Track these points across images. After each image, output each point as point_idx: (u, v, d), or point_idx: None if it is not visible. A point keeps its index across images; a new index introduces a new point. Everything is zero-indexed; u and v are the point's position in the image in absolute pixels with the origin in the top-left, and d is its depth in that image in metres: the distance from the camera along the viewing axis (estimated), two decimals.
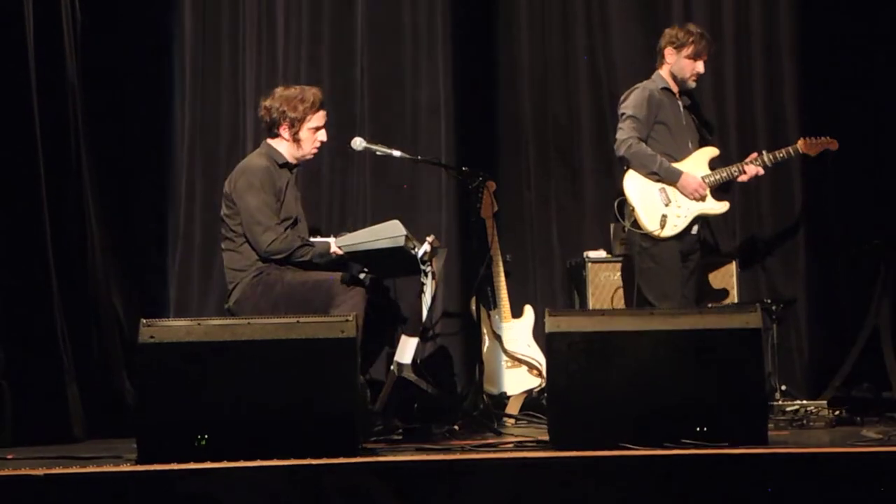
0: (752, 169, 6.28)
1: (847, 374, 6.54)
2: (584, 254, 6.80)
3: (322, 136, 5.80)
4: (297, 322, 4.65)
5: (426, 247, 5.51)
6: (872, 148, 6.90)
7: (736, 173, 6.29)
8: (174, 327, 4.65)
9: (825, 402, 6.17)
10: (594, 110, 7.21)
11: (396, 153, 5.74)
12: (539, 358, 6.48)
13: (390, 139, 5.80)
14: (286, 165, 5.76)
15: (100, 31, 6.37)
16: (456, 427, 5.53)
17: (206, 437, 4.50)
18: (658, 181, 6.22)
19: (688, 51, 6.32)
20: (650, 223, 6.17)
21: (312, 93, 5.74)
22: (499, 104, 7.34)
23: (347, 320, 4.64)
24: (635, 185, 6.24)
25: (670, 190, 6.22)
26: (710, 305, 6.51)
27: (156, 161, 6.85)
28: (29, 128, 5.62)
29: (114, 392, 6.01)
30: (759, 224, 7.10)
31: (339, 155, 6.88)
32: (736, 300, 6.74)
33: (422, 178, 6.98)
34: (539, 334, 6.52)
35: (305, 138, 5.74)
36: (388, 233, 5.40)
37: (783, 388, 6.58)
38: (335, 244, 5.59)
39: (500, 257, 6.62)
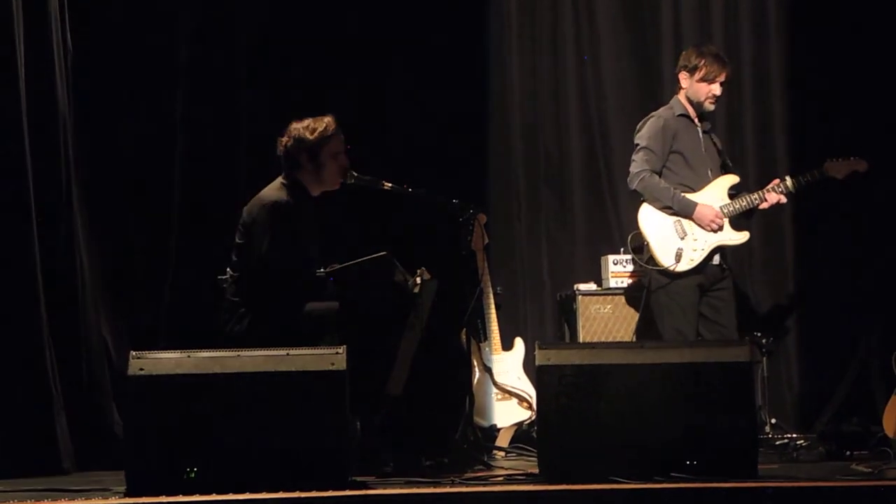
0: (772, 196, 6.20)
1: (837, 407, 6.58)
2: (575, 286, 6.83)
3: (344, 161, 5.71)
4: (287, 354, 4.68)
5: (417, 279, 5.53)
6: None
7: (756, 201, 6.22)
8: (164, 359, 4.66)
9: (815, 435, 6.18)
10: (585, 142, 7.27)
11: (387, 185, 5.77)
12: (529, 390, 6.50)
13: (379, 172, 5.82)
14: (307, 198, 5.69)
15: (92, 59, 6.38)
16: (445, 460, 5.53)
17: (196, 470, 4.51)
18: (673, 214, 6.18)
19: (700, 74, 6.23)
20: (665, 258, 6.13)
21: (326, 120, 5.67)
22: (489, 135, 7.39)
23: (338, 353, 4.66)
24: (650, 219, 6.21)
25: (686, 222, 6.16)
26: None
27: (148, 189, 6.84)
28: (19, 157, 5.63)
29: (103, 424, 6.00)
30: (748, 255, 7.12)
31: None
32: None
33: (411, 210, 7.00)
34: (529, 367, 6.54)
35: (327, 164, 5.67)
36: (377, 263, 5.44)
37: (773, 421, 6.59)
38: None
39: (490, 290, 6.64)
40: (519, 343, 6.73)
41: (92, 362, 6.02)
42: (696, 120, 6.32)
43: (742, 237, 6.22)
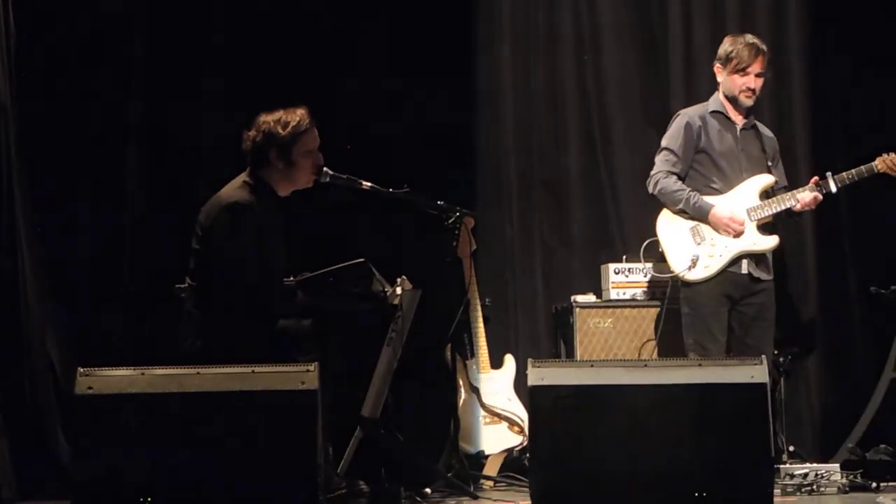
0: (806, 196, 6.20)
1: (862, 434, 6.58)
2: (572, 298, 6.83)
3: (318, 158, 5.68)
4: (252, 372, 4.67)
5: (396, 289, 5.54)
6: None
7: (790, 202, 6.23)
8: (115, 377, 4.65)
9: (838, 464, 6.18)
10: (583, 140, 7.27)
11: (365, 185, 5.77)
12: (521, 413, 6.49)
13: (359, 170, 5.82)
14: (272, 198, 5.66)
15: (37, 42, 6.37)
16: (428, 490, 5.54)
17: (150, 499, 4.50)
18: (690, 218, 6.25)
19: (732, 64, 6.26)
20: (678, 265, 6.21)
21: (300, 113, 5.61)
22: (478, 131, 7.40)
23: (308, 370, 4.65)
24: (666, 225, 6.31)
25: (704, 227, 6.23)
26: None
27: (100, 192, 6.82)
28: None
29: (47, 449, 5.98)
30: None
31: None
32: None
33: (392, 212, 7.01)
34: (521, 387, 6.53)
35: (300, 162, 5.62)
36: (352, 271, 5.44)
37: (791, 448, 6.59)
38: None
39: (478, 301, 6.64)
40: (509, 360, 6.73)
41: (35, 380, 6.01)
42: (732, 116, 6.35)
43: (769, 242, 6.23)
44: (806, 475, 5.95)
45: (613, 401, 4.74)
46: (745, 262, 6.22)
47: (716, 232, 6.21)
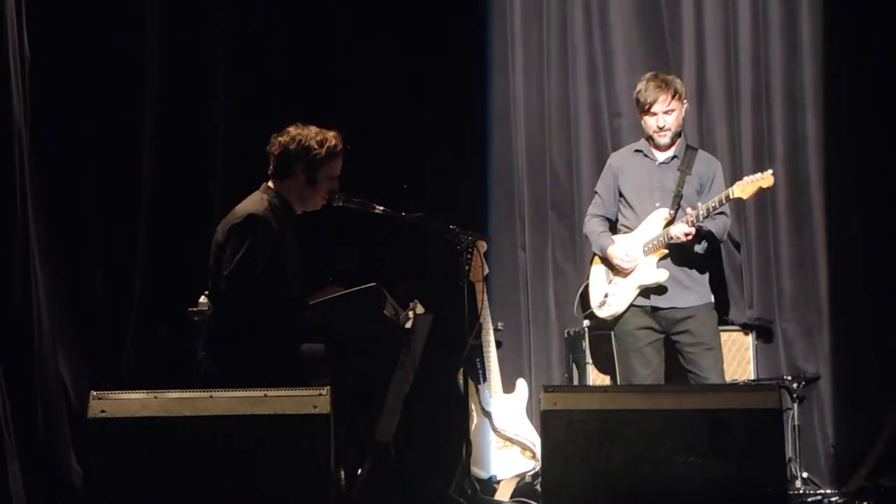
0: (676, 230, 6.21)
1: (876, 460, 6.56)
2: (584, 322, 6.84)
3: (335, 185, 5.71)
4: (265, 396, 4.68)
5: (409, 313, 5.55)
6: None
7: (663, 238, 6.27)
8: (127, 400, 4.67)
9: (852, 491, 6.18)
10: (596, 164, 7.26)
11: (378, 209, 5.78)
12: (533, 438, 6.50)
13: (370, 195, 5.84)
14: (289, 213, 5.68)
15: (53, 68, 6.40)
16: None
17: None
18: (605, 259, 6.45)
19: (639, 107, 6.38)
20: (592, 303, 6.47)
21: (333, 135, 5.66)
22: (490, 156, 7.41)
23: (321, 394, 4.67)
24: (594, 266, 6.55)
25: (611, 266, 6.44)
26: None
27: (113, 215, 6.85)
28: None
29: (60, 472, 5.98)
30: (777, 292, 7.14)
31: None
32: (752, 377, 6.78)
33: (405, 237, 7.03)
34: (533, 412, 6.55)
35: (321, 183, 5.64)
36: (365, 295, 5.45)
37: (805, 475, 6.60)
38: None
39: (490, 325, 6.66)
40: (521, 385, 6.74)
41: (48, 403, 6.01)
42: (652, 153, 6.43)
43: (657, 276, 6.28)
44: (820, 502, 5.94)
45: (626, 426, 4.75)
46: (652, 296, 6.32)
47: (616, 270, 6.38)
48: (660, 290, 6.28)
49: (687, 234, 6.16)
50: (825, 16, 7.12)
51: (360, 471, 5.67)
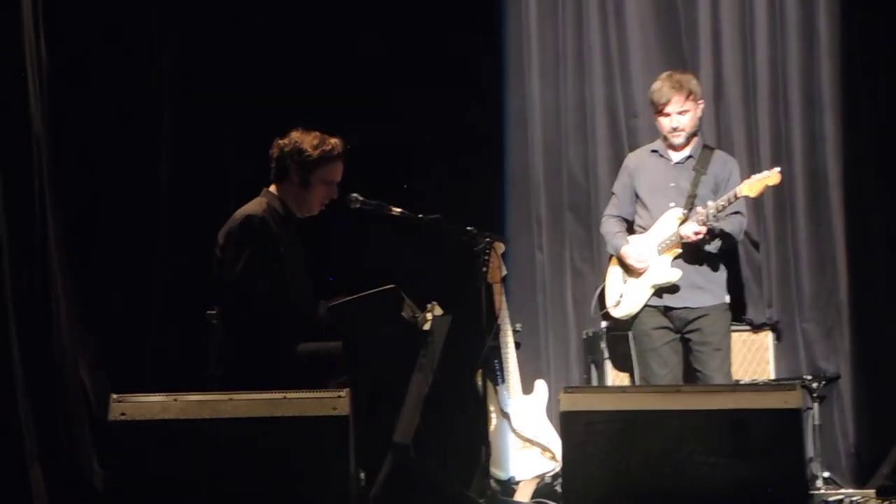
0: (686, 229, 6.22)
1: None
2: (602, 323, 6.84)
3: (333, 192, 5.74)
4: (284, 398, 4.68)
5: (427, 315, 5.55)
6: None
7: (674, 239, 6.28)
8: (148, 403, 4.67)
9: (873, 491, 6.17)
10: (612, 165, 7.26)
11: (395, 210, 5.79)
12: (553, 439, 6.50)
13: (386, 196, 5.84)
14: (290, 216, 5.71)
15: (70, 74, 6.41)
16: None
17: None
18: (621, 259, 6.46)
19: (653, 108, 6.37)
20: (608, 303, 6.47)
21: (333, 141, 5.68)
22: (507, 157, 7.42)
23: (340, 396, 4.67)
24: (611, 267, 6.54)
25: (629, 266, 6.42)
26: (742, 382, 6.54)
27: (130, 215, 6.85)
28: None
29: (81, 475, 5.99)
30: (797, 291, 7.12)
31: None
32: (772, 377, 6.77)
33: (422, 238, 7.03)
34: (552, 413, 6.54)
35: (315, 187, 5.68)
36: (383, 297, 5.46)
37: (826, 475, 6.58)
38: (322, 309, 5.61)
39: (508, 327, 6.66)
40: (540, 386, 6.74)
41: (69, 407, 6.02)
42: (667, 153, 6.42)
43: (670, 275, 6.28)
44: (840, 501, 5.93)
45: (646, 426, 4.74)
46: (665, 295, 6.31)
47: (631, 269, 6.38)
48: (673, 289, 6.28)
49: (697, 234, 6.16)
50: (843, 13, 7.10)
51: (380, 472, 5.67)
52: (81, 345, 6.30)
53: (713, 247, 6.31)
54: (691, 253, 6.27)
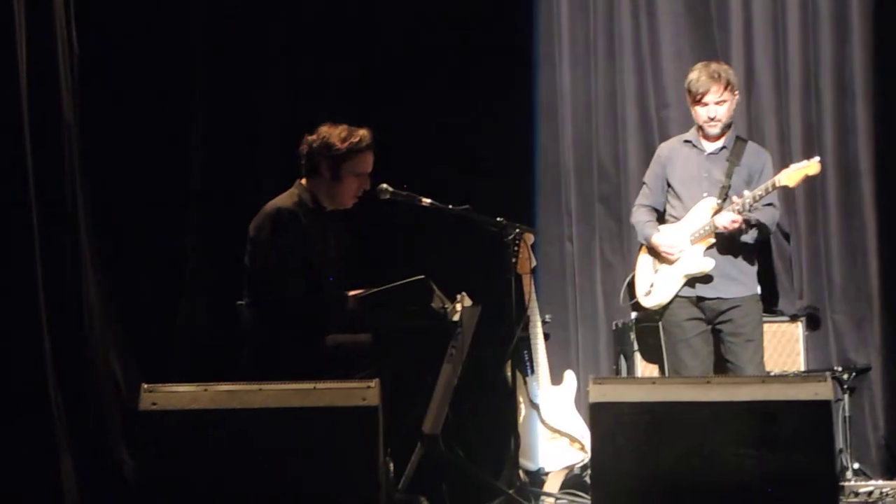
0: (723, 218, 6.19)
1: None
2: (632, 314, 6.83)
3: (365, 183, 5.75)
4: (314, 388, 4.68)
5: (457, 305, 5.56)
6: None
7: (708, 228, 6.25)
8: (178, 393, 4.68)
9: None
10: (643, 157, 7.25)
11: (425, 201, 5.80)
12: (582, 430, 6.50)
13: (416, 187, 5.85)
14: (320, 209, 5.73)
15: (101, 63, 6.43)
16: None
17: None
18: (652, 248, 6.44)
19: (690, 96, 6.33)
20: (638, 292, 6.46)
21: (362, 133, 5.69)
22: (537, 149, 7.42)
23: (370, 387, 4.67)
24: (641, 255, 6.53)
25: (657, 256, 6.41)
26: (772, 374, 6.53)
27: (161, 205, 6.87)
28: (20, 171, 5.63)
29: (112, 464, 5.99)
30: (828, 283, 7.11)
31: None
32: (802, 368, 6.75)
33: (452, 229, 7.03)
34: (582, 404, 6.55)
35: (346, 180, 5.69)
36: (412, 288, 5.46)
37: (856, 466, 6.57)
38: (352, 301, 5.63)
39: (538, 318, 6.67)
40: (570, 377, 6.74)
41: (99, 397, 6.04)
42: (701, 143, 6.39)
43: (703, 265, 6.26)
44: (871, 493, 5.92)
45: (676, 418, 4.72)
46: (698, 285, 6.29)
47: (662, 259, 6.36)
48: (705, 279, 6.26)
49: (734, 223, 6.14)
50: (876, 1, 7.06)
51: (409, 463, 5.68)
52: (112, 334, 6.33)
53: (749, 237, 6.29)
54: (724, 243, 6.25)
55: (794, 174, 6.12)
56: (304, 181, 5.77)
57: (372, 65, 7.29)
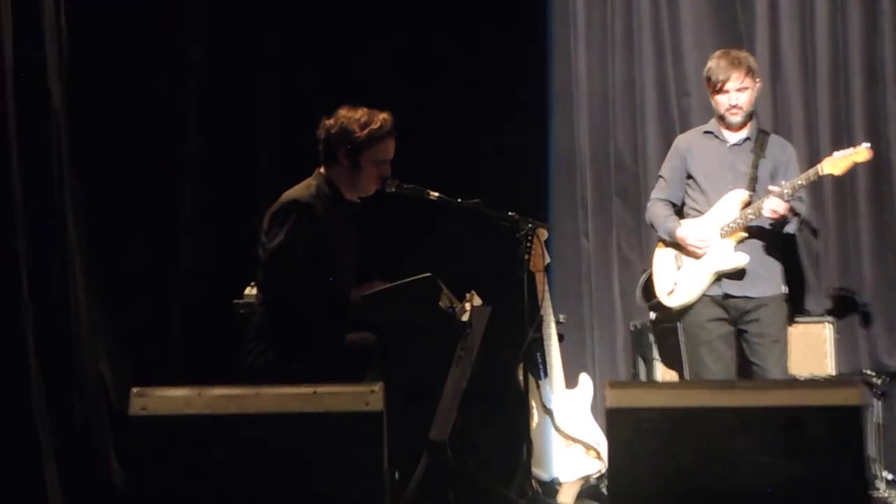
0: (772, 203, 6.06)
1: None
2: (650, 314, 6.78)
3: (386, 170, 5.66)
4: (315, 392, 4.65)
5: (466, 305, 5.52)
6: None
7: (751, 216, 6.16)
8: (170, 397, 4.64)
9: None
10: (663, 147, 7.21)
11: (433, 195, 5.75)
12: (598, 437, 6.47)
13: (425, 180, 5.82)
14: (340, 200, 5.66)
15: (91, 48, 6.40)
16: None
17: None
18: (673, 244, 6.35)
19: (710, 85, 6.28)
20: (659, 292, 6.36)
21: (382, 117, 5.59)
22: (551, 140, 7.39)
23: (373, 391, 4.64)
24: (658, 252, 6.46)
25: (681, 252, 6.33)
26: (800, 377, 6.49)
27: (153, 200, 6.85)
28: (4, 161, 5.64)
29: (99, 472, 6.02)
30: (858, 280, 7.08)
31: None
32: (831, 371, 6.72)
33: (461, 224, 7.00)
34: (598, 409, 6.50)
35: (366, 169, 5.60)
36: (419, 286, 5.43)
37: (888, 476, 6.53)
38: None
39: (551, 318, 6.63)
40: (585, 381, 6.72)
41: (86, 401, 6.04)
42: (723, 134, 6.33)
43: (737, 261, 6.19)
44: None
45: (698, 424, 4.68)
46: (725, 282, 6.21)
47: (688, 254, 6.28)
48: (737, 275, 6.18)
49: (783, 209, 6.03)
50: None
51: (415, 471, 5.65)
52: (101, 336, 6.32)
53: (791, 227, 6.21)
54: (755, 238, 6.18)
55: (840, 161, 6.03)
56: (322, 170, 5.66)
57: (379, 52, 7.25)
